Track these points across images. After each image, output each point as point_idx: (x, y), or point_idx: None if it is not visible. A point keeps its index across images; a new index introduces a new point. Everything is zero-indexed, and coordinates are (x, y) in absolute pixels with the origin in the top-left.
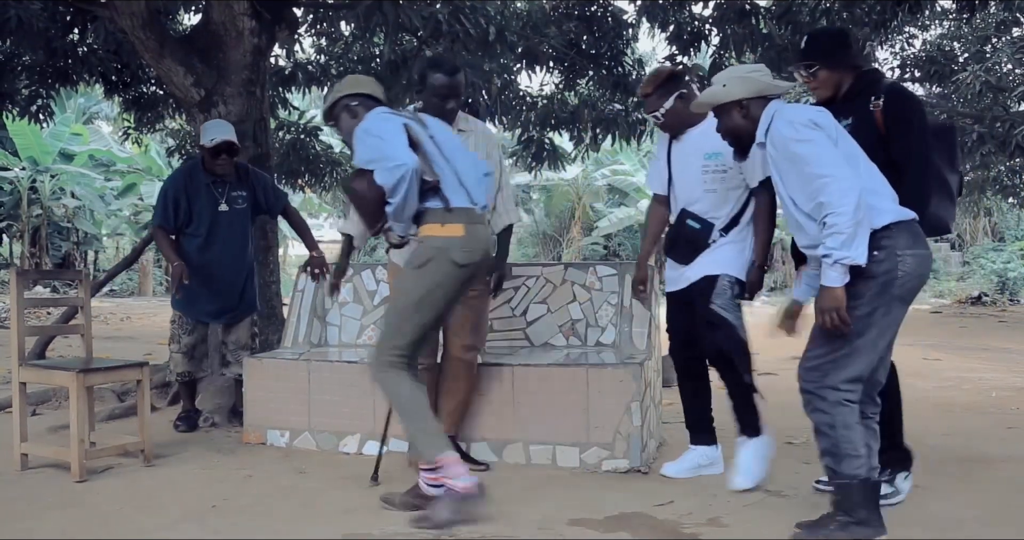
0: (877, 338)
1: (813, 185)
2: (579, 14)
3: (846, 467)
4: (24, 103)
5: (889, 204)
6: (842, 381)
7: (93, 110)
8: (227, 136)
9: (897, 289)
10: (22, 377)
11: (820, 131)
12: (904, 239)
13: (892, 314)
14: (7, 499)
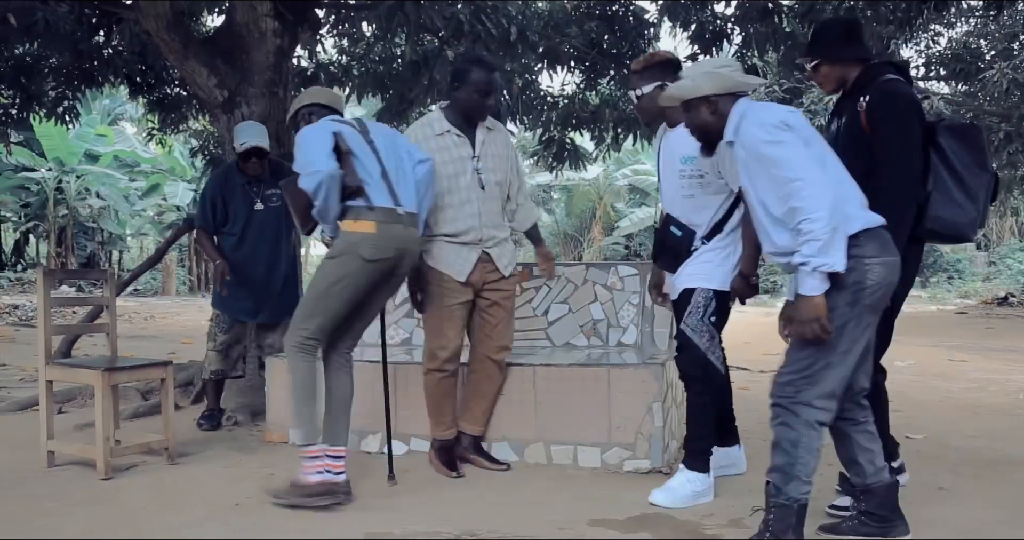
0: (849, 350)
1: (785, 189)
2: (600, 13)
3: (792, 489)
4: (51, 104)
5: (858, 210)
6: (816, 397)
7: (118, 111)
8: (255, 141)
9: (867, 299)
10: (49, 375)
11: (791, 132)
12: (872, 247)
13: (864, 325)
14: (34, 496)
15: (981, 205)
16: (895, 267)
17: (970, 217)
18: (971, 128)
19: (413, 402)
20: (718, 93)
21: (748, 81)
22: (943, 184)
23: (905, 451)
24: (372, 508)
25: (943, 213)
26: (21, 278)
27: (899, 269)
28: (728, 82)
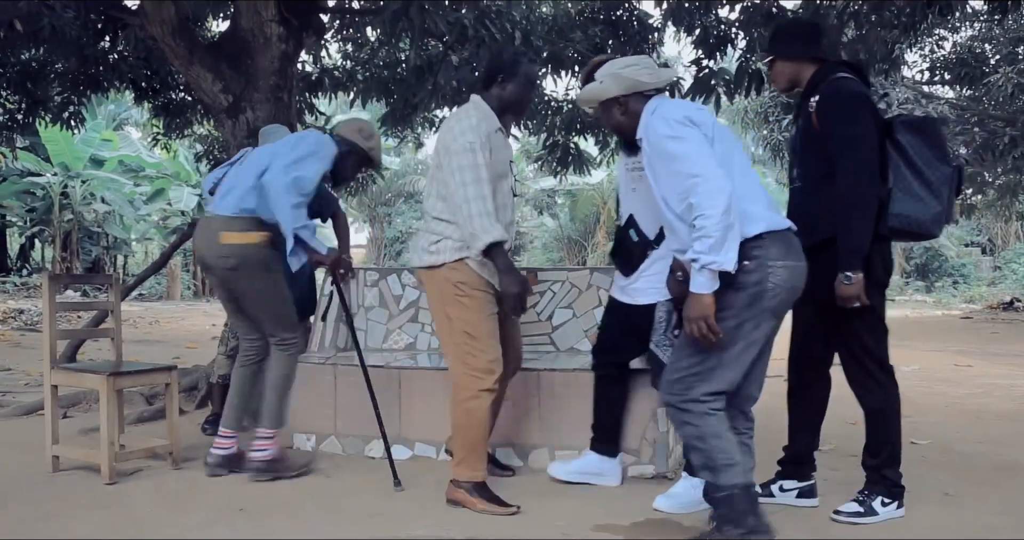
0: (744, 351)
1: (684, 185)
2: (605, 18)
3: (725, 478)
4: (56, 110)
5: (763, 211)
6: (704, 394)
7: (123, 116)
8: None
9: (767, 301)
10: (54, 380)
11: (695, 128)
12: (776, 249)
13: (761, 327)
14: (39, 500)
15: (945, 200)
16: (799, 272)
17: (933, 212)
18: (929, 122)
19: (417, 407)
20: (625, 93)
21: (654, 80)
22: (904, 180)
23: (911, 456)
24: (378, 513)
25: (905, 210)
26: (26, 282)
27: (804, 275)
28: (632, 82)
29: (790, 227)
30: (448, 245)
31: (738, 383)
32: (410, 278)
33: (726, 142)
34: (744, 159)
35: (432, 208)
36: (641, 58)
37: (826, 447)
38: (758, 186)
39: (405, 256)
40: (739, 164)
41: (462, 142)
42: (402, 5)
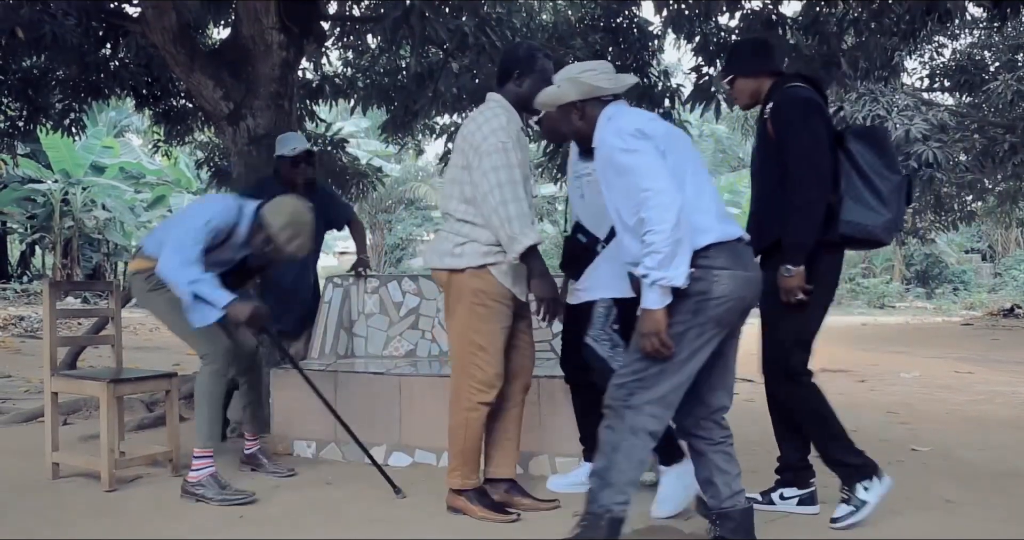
0: (688, 360)
1: (636, 198)
2: (605, 26)
3: (606, 497)
4: (57, 117)
5: (713, 223)
6: (647, 402)
7: (124, 123)
8: (305, 145)
9: (712, 310)
10: (54, 387)
11: (647, 141)
12: (723, 259)
13: (706, 336)
14: (39, 507)
15: (895, 208)
16: (748, 282)
17: (883, 220)
18: (877, 131)
19: (417, 414)
20: (583, 98)
21: (612, 86)
22: (854, 188)
23: (912, 463)
24: (378, 519)
25: (855, 217)
26: (27, 289)
27: (754, 285)
28: (590, 87)
29: (741, 237)
30: (474, 249)
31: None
32: (411, 285)
33: (679, 151)
34: (698, 168)
35: (455, 210)
36: (600, 63)
37: None
38: (710, 195)
39: (405, 263)
40: (692, 174)
41: (494, 142)
42: (402, 13)
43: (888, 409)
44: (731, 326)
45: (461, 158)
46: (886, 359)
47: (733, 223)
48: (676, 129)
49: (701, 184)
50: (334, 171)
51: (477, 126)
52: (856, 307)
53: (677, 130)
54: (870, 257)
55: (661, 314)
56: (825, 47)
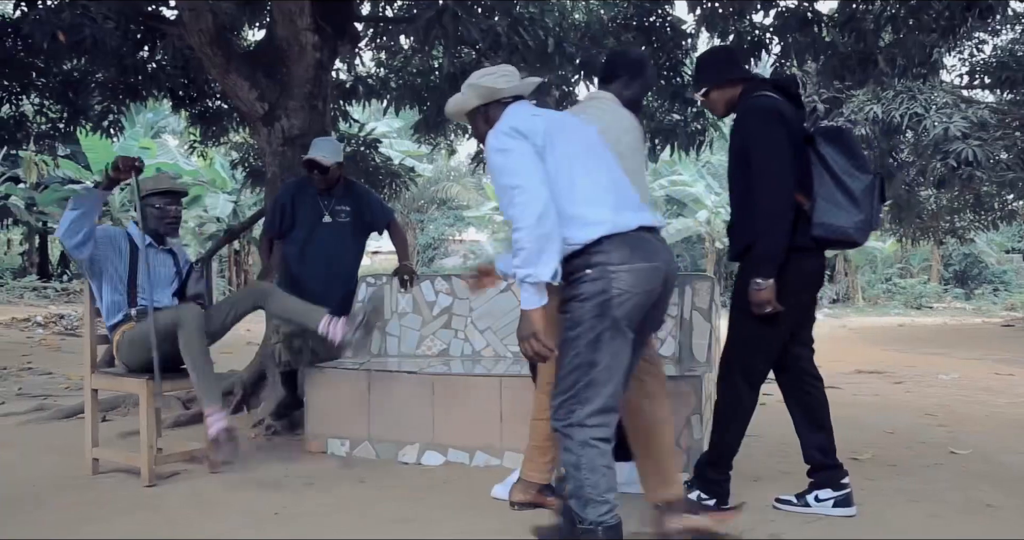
0: (612, 364)
1: (505, 197)
2: (638, 24)
3: (590, 513)
4: (97, 118)
5: (605, 215)
6: (588, 415)
7: (160, 124)
8: (312, 154)
9: (616, 309)
10: (95, 384)
11: (521, 140)
12: (619, 253)
13: (620, 335)
14: (79, 502)
15: (867, 208)
16: (649, 273)
17: (856, 221)
18: (842, 132)
19: (450, 413)
20: (485, 102)
21: (508, 86)
22: (827, 190)
23: (951, 467)
24: (410, 518)
25: (828, 219)
26: (67, 288)
27: (655, 275)
28: (488, 90)
29: (642, 226)
30: None
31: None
32: (443, 284)
33: (571, 143)
34: (599, 158)
35: None
36: (502, 67)
37: (864, 456)
38: (609, 186)
39: (438, 262)
40: (584, 166)
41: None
42: (435, 13)
43: (926, 411)
44: (644, 319)
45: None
46: (924, 360)
47: (637, 212)
48: (570, 122)
49: (596, 175)
50: (367, 171)
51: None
52: (893, 308)
53: (571, 122)
54: (907, 257)
55: (537, 314)
56: (862, 44)
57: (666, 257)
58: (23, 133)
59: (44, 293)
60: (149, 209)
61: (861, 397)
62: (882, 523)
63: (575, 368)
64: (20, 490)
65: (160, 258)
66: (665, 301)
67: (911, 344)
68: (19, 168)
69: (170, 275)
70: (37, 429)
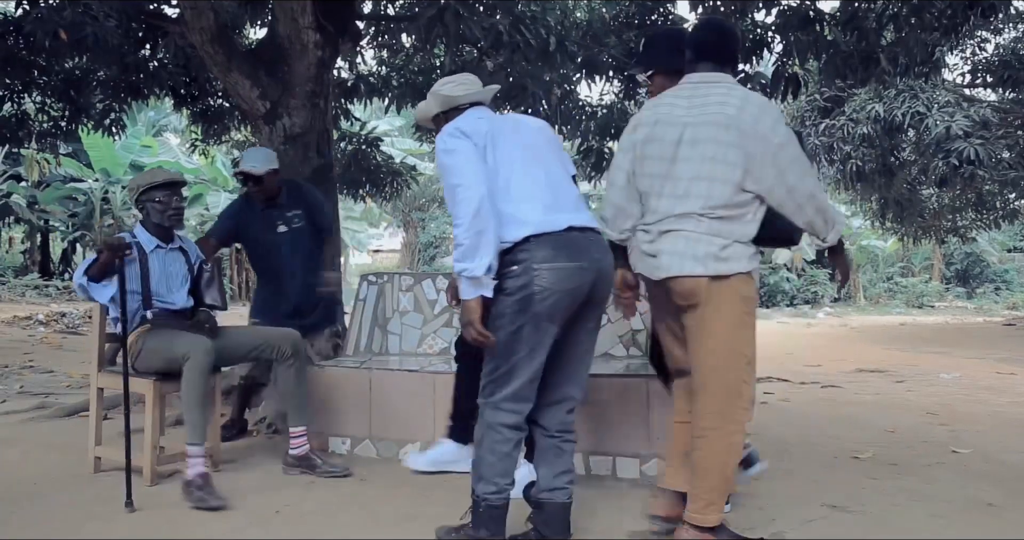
0: (529, 355)
1: (450, 195)
2: (639, 23)
3: (478, 487)
4: (98, 116)
5: (535, 215)
6: (504, 399)
7: (162, 123)
8: (243, 166)
9: (537, 305)
10: (101, 382)
11: (465, 140)
12: (544, 252)
13: (541, 331)
14: (81, 500)
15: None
16: (570, 273)
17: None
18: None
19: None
20: (444, 110)
21: (464, 93)
22: None
23: (952, 466)
24: (413, 516)
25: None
26: (68, 286)
27: (578, 275)
28: (446, 98)
29: (571, 227)
30: (740, 251)
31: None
32: (444, 283)
33: (513, 144)
34: (539, 159)
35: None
36: (461, 75)
37: (865, 455)
38: (544, 186)
39: (439, 261)
40: (523, 165)
41: (787, 130)
42: (437, 11)
43: (928, 410)
44: (567, 318)
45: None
46: (925, 359)
47: (571, 212)
48: (518, 125)
49: (533, 175)
50: (369, 170)
51: (767, 109)
52: (894, 307)
53: (519, 126)
54: (909, 256)
55: (473, 304)
56: (864, 43)
57: (595, 256)
58: (25, 131)
59: (46, 291)
60: (150, 204)
61: (862, 396)
62: (883, 522)
63: (497, 355)
64: (22, 488)
65: (170, 257)
66: (599, 299)
67: (912, 343)
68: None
69: (183, 273)
70: (39, 427)
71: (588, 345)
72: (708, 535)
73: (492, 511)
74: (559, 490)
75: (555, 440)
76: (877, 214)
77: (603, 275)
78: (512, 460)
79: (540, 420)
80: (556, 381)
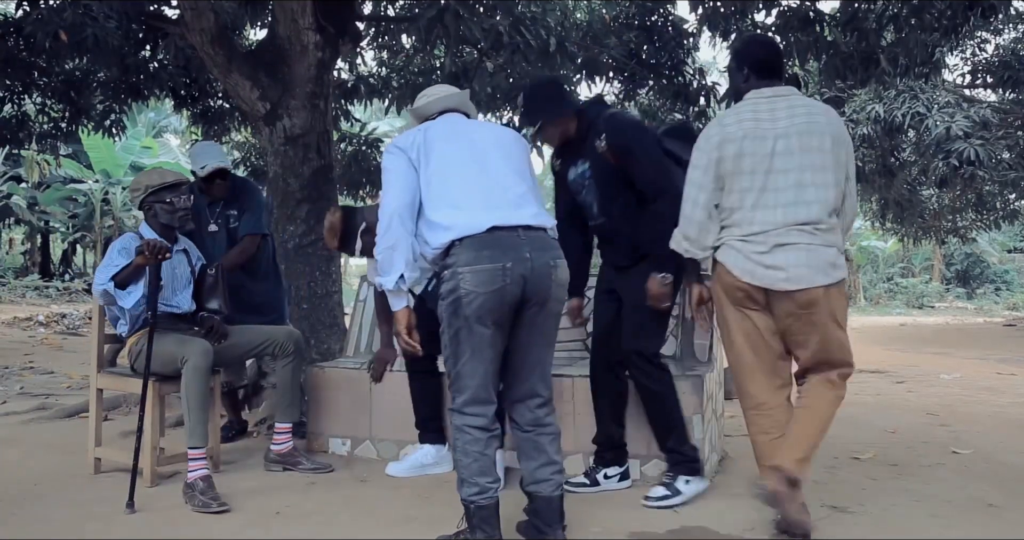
0: (474, 358)
1: None
2: (639, 24)
3: (463, 491)
4: (98, 118)
5: (459, 219)
6: (463, 404)
7: (162, 124)
8: (217, 162)
9: (466, 308)
10: (100, 383)
11: (398, 156)
12: (466, 255)
13: (478, 332)
14: (81, 501)
15: None
16: (491, 274)
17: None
18: (685, 126)
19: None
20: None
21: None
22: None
23: (952, 466)
24: (413, 517)
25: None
26: (68, 287)
27: (504, 275)
28: (416, 113)
29: (496, 226)
30: (842, 258)
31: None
32: None
33: (441, 156)
34: (468, 162)
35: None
36: (430, 88)
37: (865, 455)
38: (476, 188)
39: None
40: (456, 172)
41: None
42: (437, 12)
43: (928, 411)
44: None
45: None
46: (925, 360)
47: (501, 210)
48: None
49: (465, 178)
50: (369, 171)
51: (836, 120)
52: (894, 307)
53: (453, 132)
54: (909, 256)
55: (401, 314)
56: (864, 44)
57: (525, 255)
58: (25, 132)
59: (46, 292)
60: (158, 205)
61: (863, 397)
62: (884, 523)
63: (446, 360)
64: (22, 488)
65: (176, 259)
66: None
67: (913, 344)
68: (21, 168)
69: (187, 275)
70: (39, 428)
71: (540, 344)
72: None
73: (482, 512)
74: (544, 482)
75: (529, 434)
76: (877, 214)
77: (537, 273)
78: (488, 458)
79: (512, 416)
80: (517, 379)
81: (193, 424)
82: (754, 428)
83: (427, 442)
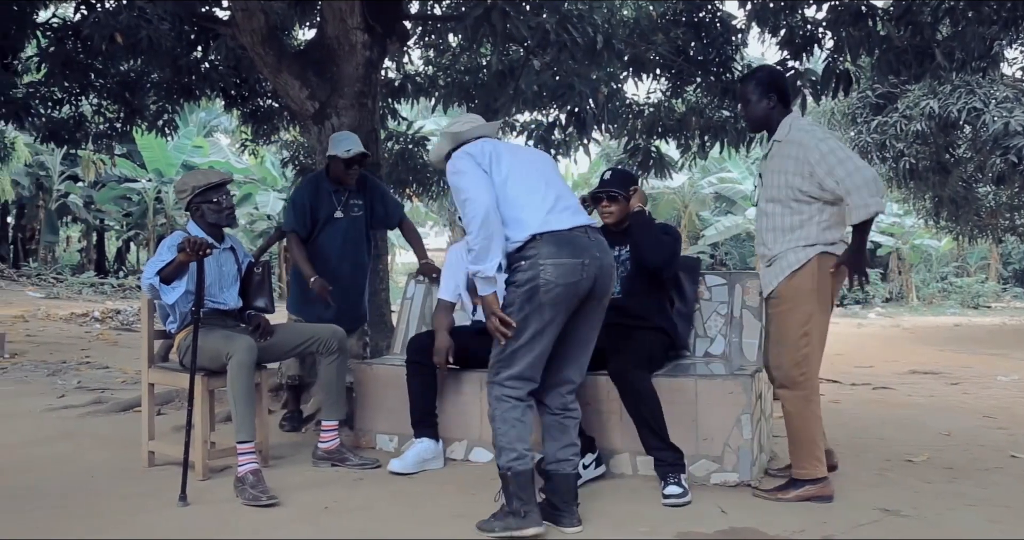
0: (533, 339)
1: (462, 209)
2: (687, 20)
3: (501, 458)
4: (152, 118)
5: (537, 217)
6: (506, 378)
7: (213, 123)
8: (360, 147)
9: (543, 296)
10: (151, 379)
11: (470, 160)
12: (548, 249)
13: (546, 318)
14: (134, 494)
15: None
16: (572, 268)
17: None
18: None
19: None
20: (453, 146)
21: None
22: None
23: (1011, 470)
24: (460, 514)
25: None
26: (123, 284)
27: (578, 270)
28: (454, 137)
29: (571, 228)
30: None
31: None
32: None
33: (513, 162)
34: (532, 172)
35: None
36: (466, 115)
37: (919, 458)
38: (545, 192)
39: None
40: (524, 178)
41: None
42: (484, 11)
43: (984, 413)
44: (571, 308)
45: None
46: (981, 361)
47: (571, 215)
48: (513, 148)
49: (533, 186)
50: (415, 169)
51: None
52: (948, 307)
53: (513, 149)
54: (963, 255)
55: (490, 299)
56: (918, 38)
57: (596, 254)
58: (82, 133)
59: (101, 289)
60: (205, 205)
61: (915, 398)
62: (938, 527)
63: (507, 339)
64: (78, 480)
65: (223, 257)
66: (600, 294)
67: (967, 344)
68: (78, 167)
69: (233, 273)
70: (95, 421)
71: (590, 336)
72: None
73: (518, 479)
74: (565, 461)
75: (557, 417)
76: (931, 212)
77: (604, 272)
78: (525, 426)
79: (544, 400)
80: (558, 366)
81: (240, 419)
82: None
83: (424, 436)
